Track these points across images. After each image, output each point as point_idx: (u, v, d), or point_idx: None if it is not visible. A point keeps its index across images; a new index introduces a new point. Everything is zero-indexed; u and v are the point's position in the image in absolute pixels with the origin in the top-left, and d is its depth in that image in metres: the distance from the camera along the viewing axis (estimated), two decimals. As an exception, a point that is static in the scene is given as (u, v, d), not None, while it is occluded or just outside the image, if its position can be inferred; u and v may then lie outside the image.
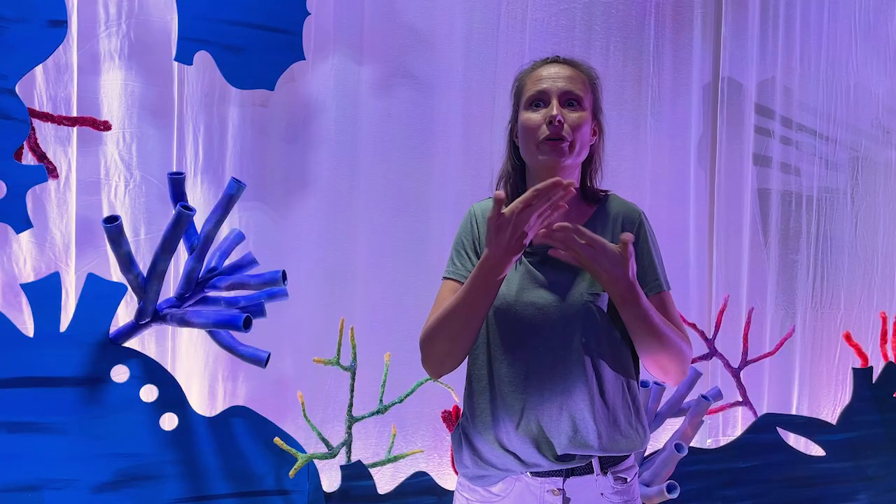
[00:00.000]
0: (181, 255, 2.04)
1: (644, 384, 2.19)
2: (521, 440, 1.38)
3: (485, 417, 1.41)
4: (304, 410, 2.03)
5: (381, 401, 2.09)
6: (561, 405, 1.37)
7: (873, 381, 2.53)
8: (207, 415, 1.96)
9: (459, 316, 1.35)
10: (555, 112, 1.38)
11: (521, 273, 1.41)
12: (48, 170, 1.93)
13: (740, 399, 2.56)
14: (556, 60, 1.46)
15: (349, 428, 2.06)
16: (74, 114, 2.05)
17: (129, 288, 1.85)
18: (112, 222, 1.75)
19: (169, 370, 1.94)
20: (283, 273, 1.92)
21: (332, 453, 2.05)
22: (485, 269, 1.30)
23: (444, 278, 1.46)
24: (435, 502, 2.12)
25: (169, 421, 1.91)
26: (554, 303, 1.39)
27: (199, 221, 1.93)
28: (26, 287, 1.82)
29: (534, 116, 1.40)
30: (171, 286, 2.01)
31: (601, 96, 1.48)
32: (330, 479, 2.16)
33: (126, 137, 2.11)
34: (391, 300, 2.33)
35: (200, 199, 2.18)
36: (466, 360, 1.47)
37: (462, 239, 1.48)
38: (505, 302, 1.40)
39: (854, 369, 2.55)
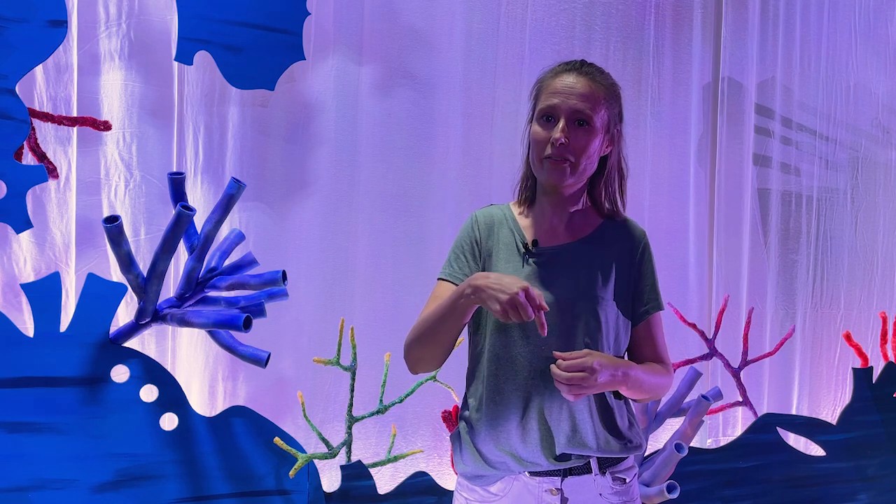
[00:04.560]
0: (181, 255, 2.04)
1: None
2: (521, 439, 1.39)
3: (485, 416, 1.42)
4: (304, 410, 2.03)
5: (381, 401, 2.09)
6: (561, 404, 1.38)
7: (873, 381, 2.53)
8: (207, 415, 1.96)
9: (430, 331, 1.39)
10: (558, 135, 1.38)
11: (525, 273, 1.42)
12: (48, 170, 1.93)
13: (740, 399, 2.56)
14: (577, 68, 1.43)
15: (349, 428, 2.06)
16: (74, 114, 2.05)
17: (129, 288, 1.85)
18: (112, 222, 1.75)
19: (169, 370, 1.94)
20: (283, 273, 1.92)
21: (332, 453, 2.05)
22: (465, 296, 1.31)
23: (440, 279, 1.47)
24: (435, 502, 2.12)
25: (169, 421, 1.91)
26: (558, 303, 1.39)
27: (199, 221, 1.93)
28: (26, 287, 1.82)
29: (542, 132, 1.41)
30: (171, 286, 2.01)
31: (622, 108, 1.47)
32: (330, 479, 2.17)
33: (126, 137, 2.11)
34: (391, 300, 2.33)
35: (200, 199, 2.18)
36: (470, 360, 1.48)
37: (462, 242, 1.49)
38: None
39: (854, 369, 2.55)
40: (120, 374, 1.86)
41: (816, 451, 2.53)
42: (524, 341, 1.39)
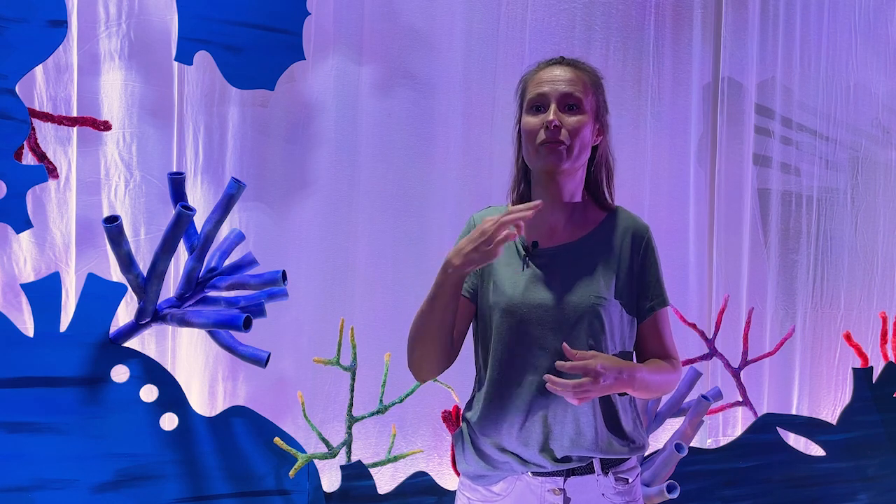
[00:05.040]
0: (181, 255, 2.04)
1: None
2: (524, 441, 1.39)
3: (488, 417, 1.42)
4: (304, 410, 2.03)
5: (381, 401, 2.09)
6: (566, 407, 1.38)
7: (873, 381, 2.53)
8: (207, 415, 1.96)
9: (423, 323, 1.39)
10: (551, 117, 1.38)
11: (527, 275, 1.42)
12: (48, 170, 1.93)
13: (740, 399, 2.56)
14: (559, 62, 1.45)
15: (349, 428, 2.06)
16: (74, 114, 2.05)
17: (129, 288, 1.85)
18: (112, 222, 1.75)
19: (169, 370, 1.94)
20: (283, 273, 1.92)
21: (332, 453, 2.05)
22: (441, 272, 1.34)
23: None
24: (435, 502, 2.12)
25: (169, 421, 1.91)
26: (559, 305, 1.39)
27: (199, 221, 1.93)
28: (26, 287, 1.82)
29: (533, 121, 1.41)
30: (171, 286, 2.01)
31: (605, 97, 1.48)
32: (330, 479, 2.17)
33: (126, 137, 2.11)
34: (391, 300, 2.33)
35: (200, 199, 2.18)
36: (476, 361, 1.48)
37: None
38: (511, 303, 1.40)
39: (854, 369, 2.55)
40: (120, 374, 1.86)
41: (816, 451, 2.53)
42: (527, 345, 1.39)
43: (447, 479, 2.22)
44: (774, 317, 2.83)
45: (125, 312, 2.02)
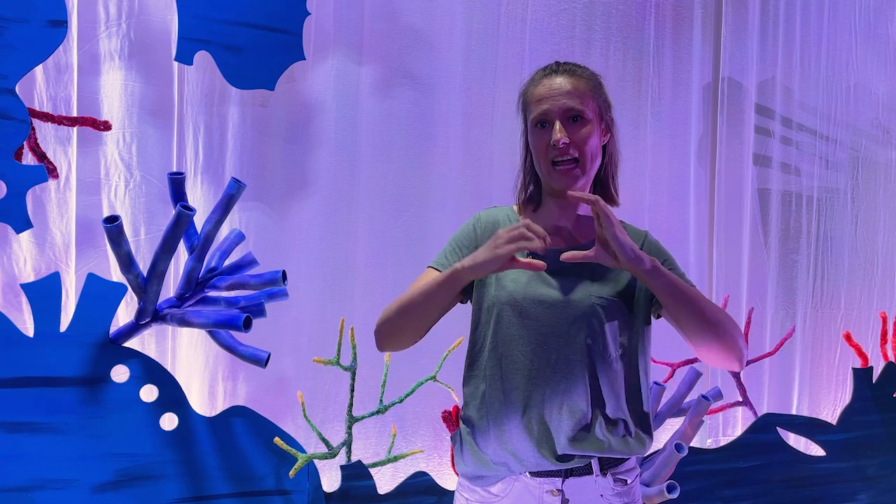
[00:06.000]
0: (181, 255, 2.04)
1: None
2: (522, 438, 1.39)
3: (486, 415, 1.41)
4: (304, 410, 2.03)
5: (381, 401, 2.09)
6: (562, 404, 1.38)
7: (873, 381, 2.53)
8: (207, 415, 1.96)
9: (418, 300, 1.40)
10: (557, 136, 1.39)
11: (528, 275, 1.42)
12: (48, 170, 1.93)
13: (740, 399, 2.56)
14: (554, 70, 1.45)
15: (349, 428, 2.06)
16: (74, 114, 2.05)
17: (129, 288, 1.85)
18: (112, 222, 1.75)
19: (169, 370, 1.94)
20: (283, 273, 1.92)
21: (332, 453, 2.05)
22: (459, 267, 1.34)
23: (430, 267, 1.48)
24: (435, 502, 2.12)
25: (169, 421, 1.91)
26: (561, 302, 1.39)
27: (199, 221, 1.93)
28: (26, 287, 1.82)
29: (540, 139, 1.42)
30: (171, 286, 2.01)
31: (607, 95, 1.48)
32: (330, 479, 2.17)
33: (126, 137, 2.11)
34: (391, 300, 2.32)
35: (200, 199, 2.18)
36: (468, 357, 1.48)
37: (461, 238, 1.49)
38: (512, 298, 1.40)
39: (854, 369, 2.55)
40: (120, 374, 1.86)
41: (816, 451, 2.53)
42: (525, 341, 1.39)
43: (447, 479, 2.22)
44: (774, 317, 2.84)
45: (125, 312, 2.02)
